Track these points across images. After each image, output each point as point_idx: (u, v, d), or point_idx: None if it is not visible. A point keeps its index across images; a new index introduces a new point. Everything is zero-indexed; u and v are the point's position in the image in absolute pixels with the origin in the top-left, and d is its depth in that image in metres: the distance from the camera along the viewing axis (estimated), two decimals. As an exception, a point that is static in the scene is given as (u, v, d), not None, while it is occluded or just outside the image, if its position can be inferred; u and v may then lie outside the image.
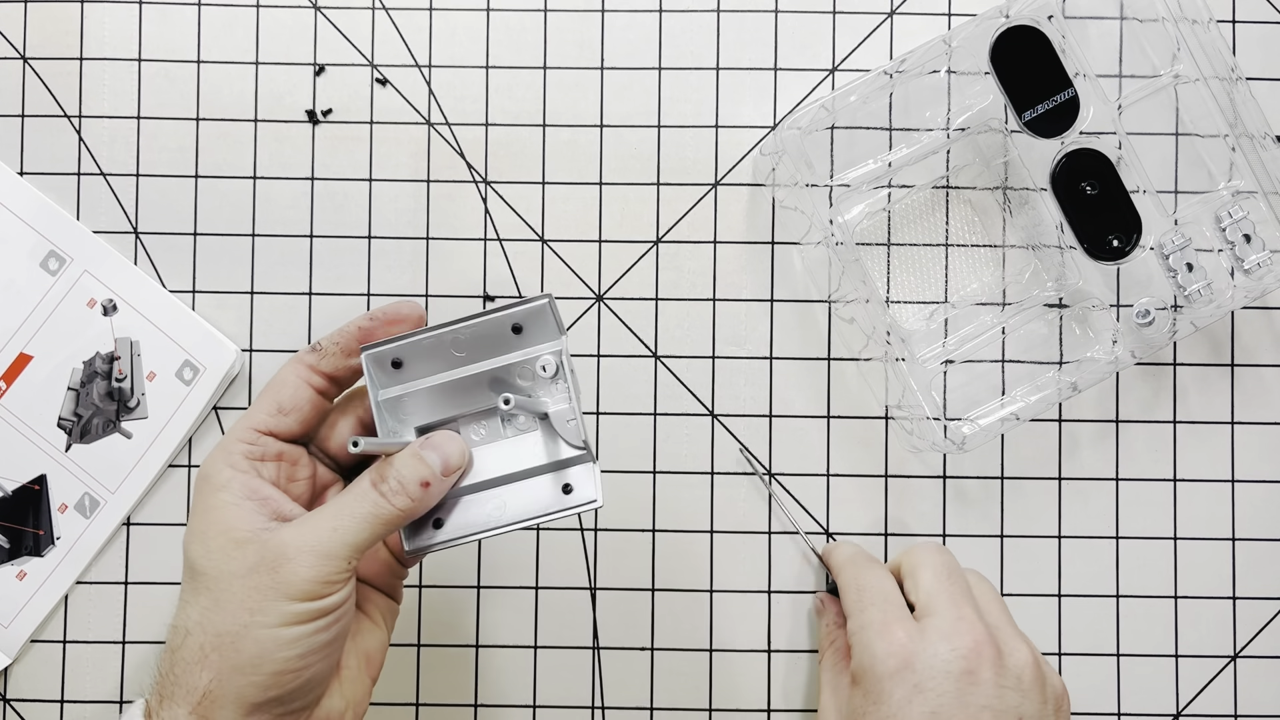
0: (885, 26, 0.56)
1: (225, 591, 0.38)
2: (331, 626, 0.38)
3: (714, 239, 0.56)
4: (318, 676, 0.39)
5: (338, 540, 0.38)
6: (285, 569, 0.37)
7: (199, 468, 0.41)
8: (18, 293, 0.55)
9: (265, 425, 0.42)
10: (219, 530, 0.39)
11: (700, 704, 0.55)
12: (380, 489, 0.39)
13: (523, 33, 0.56)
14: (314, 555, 0.38)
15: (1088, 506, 0.55)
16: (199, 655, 0.38)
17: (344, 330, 0.43)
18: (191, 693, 0.38)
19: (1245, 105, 0.51)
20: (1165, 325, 0.52)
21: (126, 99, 0.55)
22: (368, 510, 0.39)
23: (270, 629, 0.37)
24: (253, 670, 0.37)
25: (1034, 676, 0.44)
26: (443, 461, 0.40)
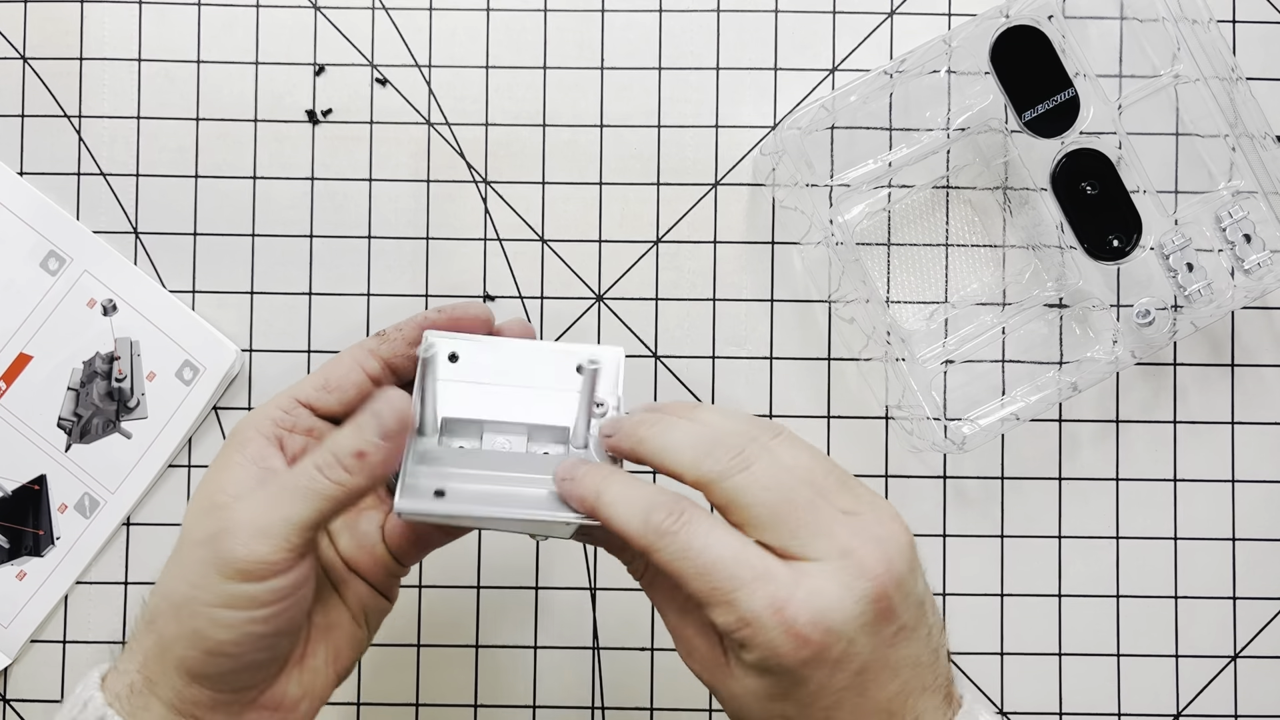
0: (885, 26, 0.56)
1: (181, 556, 0.37)
2: (271, 619, 0.36)
3: (714, 239, 0.56)
4: (259, 663, 0.37)
5: (276, 516, 0.35)
6: (222, 542, 0.35)
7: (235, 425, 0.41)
8: (18, 293, 0.55)
9: (306, 397, 0.41)
10: (208, 489, 0.38)
11: (700, 704, 0.54)
12: (316, 462, 0.36)
13: (523, 33, 0.56)
14: (249, 531, 0.35)
15: (1088, 506, 0.55)
16: (150, 616, 0.38)
17: (410, 320, 0.42)
18: (140, 651, 0.38)
19: (1245, 105, 0.51)
20: (1165, 325, 0.52)
21: (126, 99, 0.55)
22: (304, 485, 0.36)
23: (206, 606, 0.35)
24: (188, 645, 0.36)
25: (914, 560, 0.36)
26: (379, 426, 0.36)
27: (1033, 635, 0.55)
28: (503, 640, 0.55)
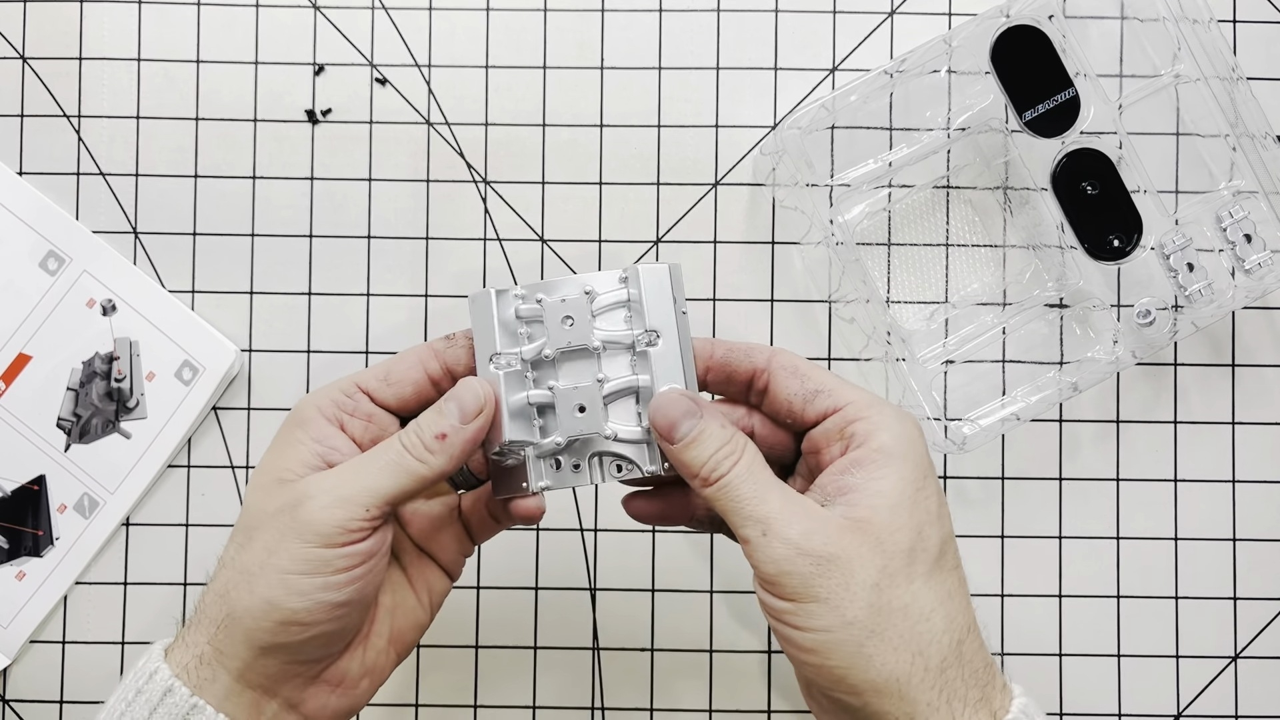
0: (885, 26, 0.56)
1: (255, 528, 0.38)
2: (344, 587, 0.38)
3: (714, 239, 0.55)
4: (328, 636, 0.39)
5: (358, 485, 0.38)
6: (303, 507, 0.37)
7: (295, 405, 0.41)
8: (17, 293, 0.55)
9: (367, 385, 0.41)
10: (272, 466, 0.39)
11: (700, 704, 0.54)
12: (403, 441, 0.39)
13: (523, 32, 0.55)
14: (332, 496, 0.37)
15: (1088, 506, 0.55)
16: (223, 589, 0.38)
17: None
18: (211, 623, 0.38)
19: (1246, 105, 0.50)
20: (1166, 325, 0.52)
21: (126, 99, 0.55)
22: (391, 459, 0.38)
23: (284, 573, 0.37)
24: (262, 615, 0.37)
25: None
26: (459, 410, 0.39)
27: (1033, 635, 0.55)
28: (503, 640, 0.55)
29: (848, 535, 0.36)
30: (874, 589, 0.36)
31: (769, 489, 0.37)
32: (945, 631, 0.36)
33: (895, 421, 0.38)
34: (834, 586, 0.36)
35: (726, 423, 0.39)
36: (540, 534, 0.55)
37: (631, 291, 0.41)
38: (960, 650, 0.36)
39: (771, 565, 0.36)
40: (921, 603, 0.36)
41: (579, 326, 0.41)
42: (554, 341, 0.41)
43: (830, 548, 0.36)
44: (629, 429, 0.40)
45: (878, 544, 0.36)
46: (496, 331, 0.41)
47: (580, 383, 0.40)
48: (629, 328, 0.41)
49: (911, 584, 0.36)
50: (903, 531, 0.36)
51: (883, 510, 0.36)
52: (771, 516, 0.37)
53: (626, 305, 0.41)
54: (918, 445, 0.38)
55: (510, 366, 0.41)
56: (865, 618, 0.35)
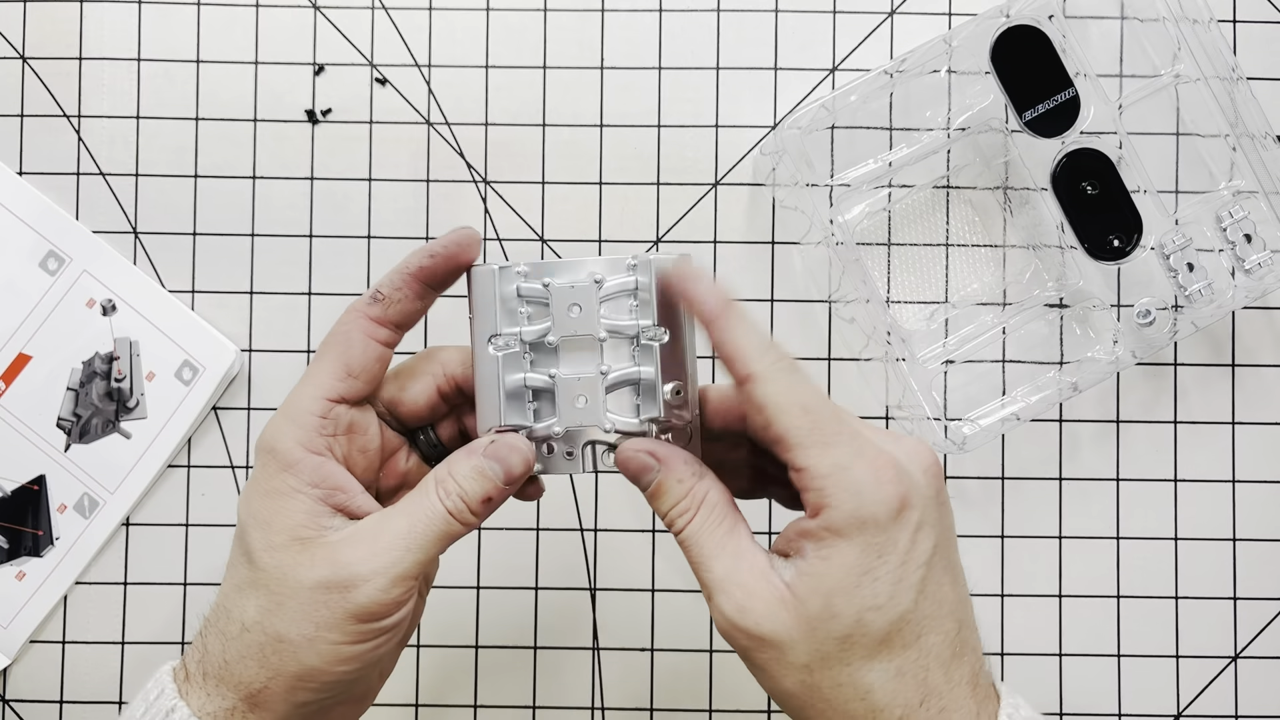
0: (885, 26, 0.56)
1: (290, 598, 0.37)
2: (394, 637, 0.38)
3: (714, 239, 0.55)
4: (371, 676, 0.39)
5: (410, 561, 0.37)
6: (356, 592, 0.36)
7: (260, 437, 0.39)
8: (17, 293, 0.55)
9: (335, 392, 0.39)
10: (284, 525, 0.38)
11: (700, 704, 0.54)
12: (446, 504, 0.38)
13: (523, 32, 0.55)
14: (386, 578, 0.37)
15: (1088, 507, 0.55)
16: (258, 654, 0.37)
17: (402, 272, 0.40)
18: (244, 685, 0.37)
19: (1246, 105, 0.50)
20: (1166, 325, 0.52)
21: (126, 99, 0.55)
22: (438, 528, 0.38)
23: (334, 645, 0.37)
24: (310, 679, 0.37)
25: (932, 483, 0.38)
26: (505, 473, 0.38)
27: (1033, 635, 0.55)
28: (503, 640, 0.55)
29: (782, 614, 0.35)
30: (804, 669, 0.35)
31: (718, 552, 0.37)
32: (886, 709, 0.35)
33: (852, 496, 0.35)
34: (767, 660, 0.36)
35: (686, 474, 0.38)
36: (540, 534, 0.55)
37: (640, 279, 0.40)
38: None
39: (720, 623, 0.37)
40: (859, 682, 0.35)
41: (586, 315, 0.40)
42: (559, 328, 0.40)
43: (763, 627, 0.35)
44: (626, 420, 0.40)
45: (810, 630, 0.35)
46: (498, 311, 0.40)
47: (582, 372, 0.40)
48: (634, 318, 0.40)
49: (848, 665, 0.35)
50: (838, 620, 0.35)
51: (819, 595, 0.35)
52: (714, 585, 0.36)
53: (633, 293, 0.40)
54: (879, 518, 0.35)
55: (509, 348, 0.40)
56: (799, 692, 0.36)
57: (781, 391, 0.37)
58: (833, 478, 0.35)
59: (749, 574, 0.36)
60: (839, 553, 0.35)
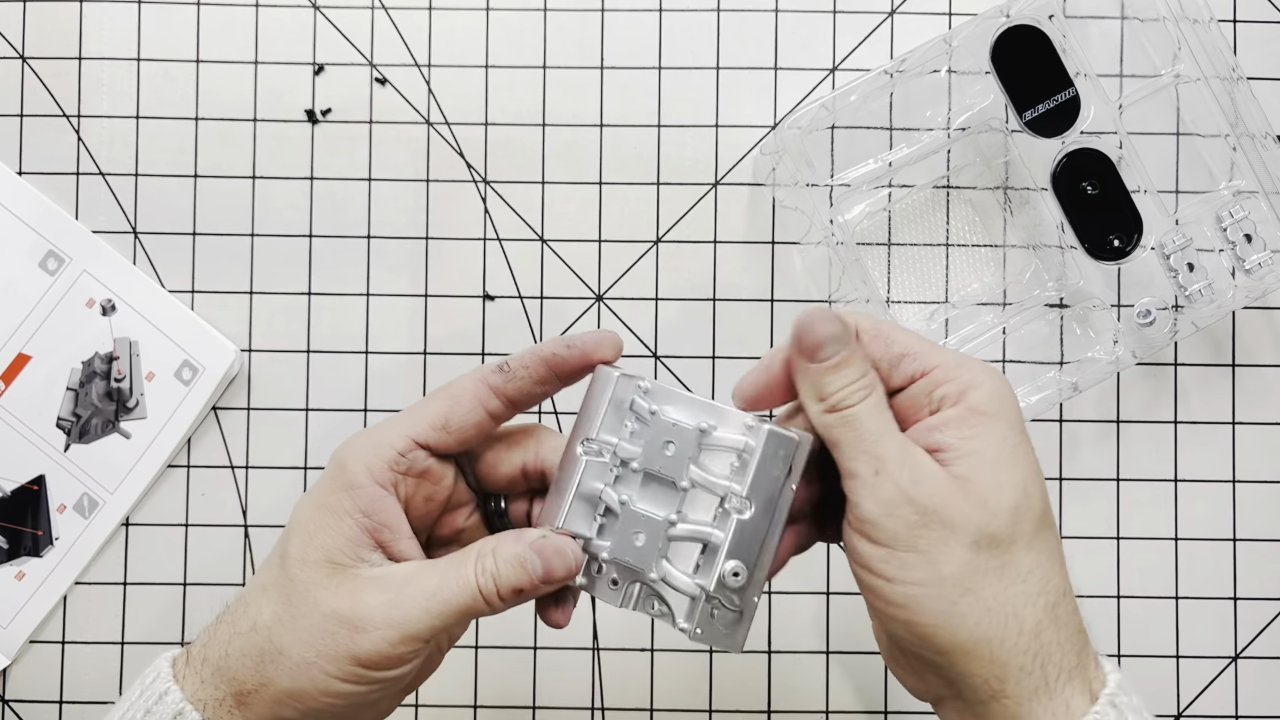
0: (885, 26, 0.56)
1: (303, 616, 0.37)
2: (389, 691, 0.38)
3: (714, 239, 0.55)
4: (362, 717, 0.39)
5: (425, 623, 0.37)
6: (363, 636, 0.36)
7: (337, 448, 0.39)
8: (17, 293, 0.55)
9: (425, 437, 0.39)
10: (324, 543, 0.38)
11: (700, 704, 0.54)
12: (480, 583, 0.37)
13: (523, 32, 0.55)
14: (397, 632, 0.36)
15: (1088, 506, 0.55)
16: (256, 657, 0.37)
17: (533, 355, 0.40)
18: (237, 683, 0.38)
19: (1246, 105, 0.50)
20: (1166, 325, 0.52)
21: (125, 99, 0.55)
22: (462, 602, 0.37)
23: (326, 676, 0.37)
24: (298, 699, 0.37)
25: None
26: (545, 572, 0.37)
27: (1033, 636, 0.55)
28: (503, 640, 0.55)
29: (953, 490, 0.35)
30: (972, 546, 0.34)
31: (891, 430, 0.36)
32: (1040, 594, 0.35)
33: (987, 379, 0.36)
34: (933, 539, 0.34)
35: (868, 358, 0.37)
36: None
37: (750, 443, 0.38)
38: (1055, 613, 0.35)
39: (876, 506, 0.35)
40: (1020, 563, 0.35)
41: (676, 458, 0.38)
42: (647, 459, 0.39)
43: (936, 500, 0.35)
44: (682, 578, 0.38)
45: (981, 502, 0.35)
46: (603, 416, 0.39)
47: (655, 511, 0.38)
48: (729, 479, 0.38)
49: (1013, 545, 0.35)
50: (1006, 489, 0.35)
51: (984, 468, 0.35)
52: (888, 456, 0.35)
53: (739, 454, 0.39)
54: (1011, 404, 0.36)
55: (599, 456, 0.39)
56: (961, 575, 0.34)
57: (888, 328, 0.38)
58: (965, 365, 0.36)
59: (920, 455, 0.36)
60: (991, 429, 0.36)
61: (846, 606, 0.55)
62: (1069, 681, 0.35)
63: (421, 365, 0.55)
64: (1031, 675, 0.34)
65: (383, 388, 0.55)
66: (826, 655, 0.54)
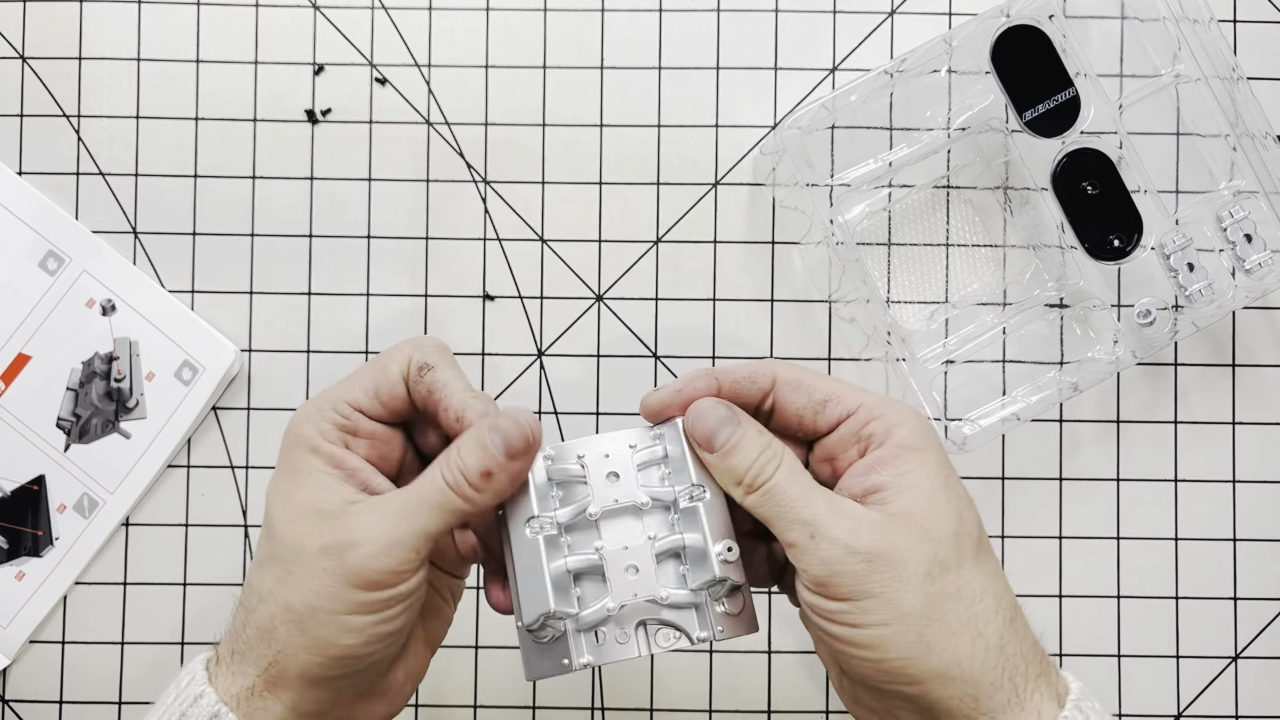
0: (885, 26, 0.56)
1: (298, 566, 0.37)
2: (398, 617, 0.38)
3: (714, 239, 0.55)
4: (383, 660, 0.39)
5: (406, 529, 0.37)
6: (352, 555, 0.37)
7: (287, 425, 0.40)
8: (17, 293, 0.55)
9: (359, 403, 0.40)
10: (305, 497, 0.38)
11: (700, 704, 0.54)
12: (447, 479, 0.38)
13: (523, 32, 0.55)
14: (382, 544, 0.37)
15: (1088, 507, 0.55)
16: (269, 624, 0.38)
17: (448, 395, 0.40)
18: (261, 658, 0.38)
19: (1246, 105, 0.50)
20: (1166, 325, 0.52)
21: (125, 99, 0.55)
22: (435, 500, 0.37)
23: (335, 614, 0.37)
24: (317, 651, 0.37)
25: None
26: (505, 444, 0.37)
27: (1033, 636, 0.55)
28: (503, 641, 0.55)
29: (893, 530, 0.36)
30: (926, 578, 0.36)
31: (813, 491, 0.37)
32: (997, 610, 0.36)
33: (910, 417, 0.38)
34: (887, 580, 0.36)
35: (763, 429, 0.39)
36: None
37: (670, 449, 0.40)
38: (1014, 627, 0.37)
39: (822, 567, 0.36)
40: (973, 585, 0.36)
41: (625, 482, 0.39)
42: (599, 499, 0.39)
43: (879, 543, 0.36)
44: (681, 593, 0.38)
45: (924, 534, 0.36)
46: (533, 494, 0.39)
47: (629, 542, 0.38)
48: (669, 485, 0.39)
49: (961, 568, 0.36)
50: (945, 518, 0.37)
51: (921, 501, 0.37)
52: (818, 518, 0.36)
53: (662, 462, 0.40)
54: (934, 437, 0.38)
55: (547, 530, 0.38)
56: (922, 606, 0.35)
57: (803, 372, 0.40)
58: (887, 404, 0.39)
59: (849, 505, 0.37)
60: (921, 463, 0.37)
61: (846, 606, 0.55)
62: (1036, 689, 0.36)
63: (421, 365, 0.55)
64: (1003, 689, 0.36)
65: (383, 388, 0.55)
66: (826, 655, 0.54)
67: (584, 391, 0.55)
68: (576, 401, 0.55)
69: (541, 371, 0.55)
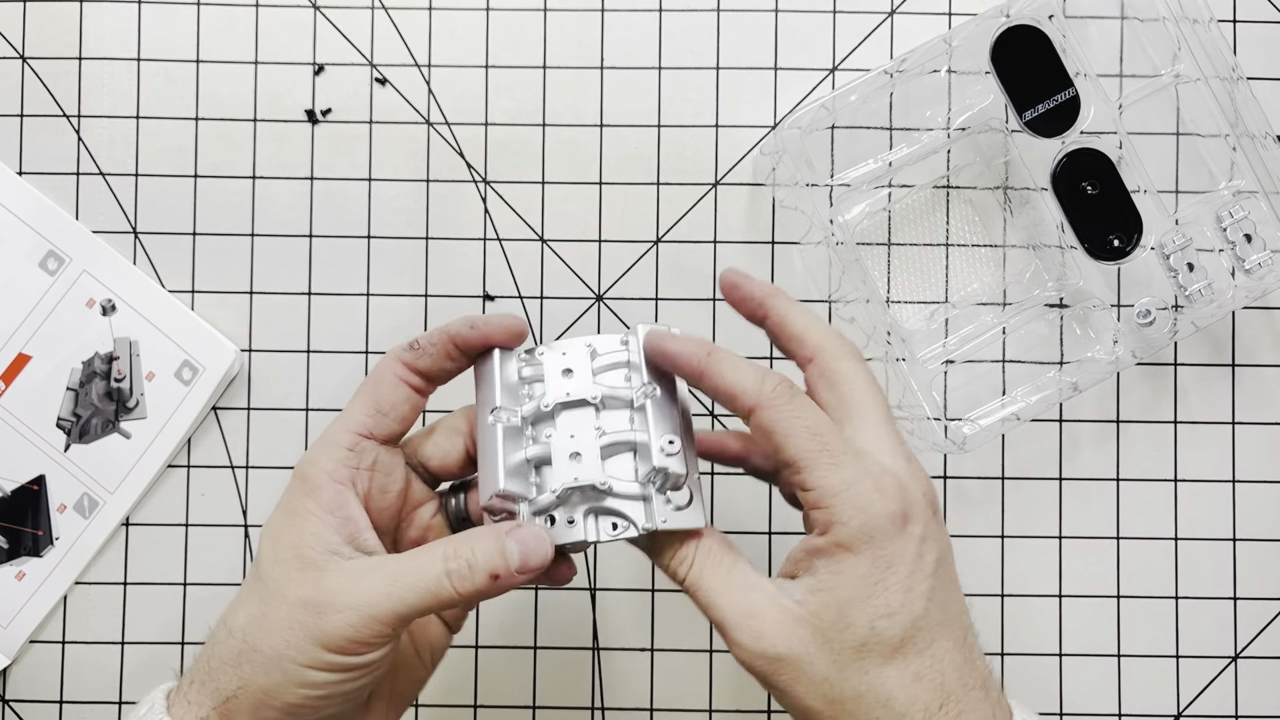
0: (885, 26, 0.56)
1: (273, 610, 0.38)
2: (359, 680, 0.38)
3: (714, 239, 0.55)
4: (340, 715, 0.39)
5: (387, 607, 0.37)
6: (326, 619, 0.37)
7: (300, 461, 0.40)
8: (17, 293, 0.55)
9: (364, 427, 0.40)
10: (293, 541, 0.39)
11: (700, 704, 0.54)
12: (448, 567, 0.37)
13: (522, 32, 0.55)
14: (358, 614, 0.37)
15: (1088, 507, 0.55)
16: (234, 660, 0.38)
17: (441, 330, 0.42)
18: (219, 692, 0.38)
19: (1246, 105, 0.50)
20: (1166, 325, 0.52)
21: (125, 99, 0.55)
22: (427, 586, 0.37)
23: (298, 665, 0.37)
24: (274, 695, 0.37)
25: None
26: (521, 560, 0.38)
27: (1033, 635, 0.55)
28: (503, 640, 0.55)
29: (798, 632, 0.37)
30: (825, 683, 0.36)
31: (724, 589, 0.38)
32: (907, 714, 0.36)
33: (859, 511, 0.36)
34: (790, 681, 0.37)
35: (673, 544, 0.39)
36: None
37: (633, 357, 0.41)
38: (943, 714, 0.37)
39: (736, 659, 0.38)
40: (878, 690, 0.36)
41: (578, 378, 0.40)
42: (552, 393, 0.40)
43: (779, 648, 0.37)
44: (625, 484, 0.39)
45: (825, 641, 0.36)
46: (498, 388, 0.40)
47: (577, 432, 0.40)
48: (629, 385, 0.41)
49: (866, 674, 0.36)
50: (852, 629, 0.36)
51: (833, 607, 0.36)
52: (726, 620, 0.37)
53: (627, 365, 0.41)
54: (886, 531, 0.37)
55: (509, 421, 0.40)
56: (821, 707, 0.37)
57: (787, 417, 0.38)
58: (841, 495, 0.37)
59: (759, 602, 0.37)
60: (851, 566, 0.36)
61: (846, 606, 0.55)
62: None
63: (421, 365, 0.55)
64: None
65: (383, 388, 0.55)
66: (826, 655, 0.54)
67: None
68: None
69: (541, 371, 0.55)
